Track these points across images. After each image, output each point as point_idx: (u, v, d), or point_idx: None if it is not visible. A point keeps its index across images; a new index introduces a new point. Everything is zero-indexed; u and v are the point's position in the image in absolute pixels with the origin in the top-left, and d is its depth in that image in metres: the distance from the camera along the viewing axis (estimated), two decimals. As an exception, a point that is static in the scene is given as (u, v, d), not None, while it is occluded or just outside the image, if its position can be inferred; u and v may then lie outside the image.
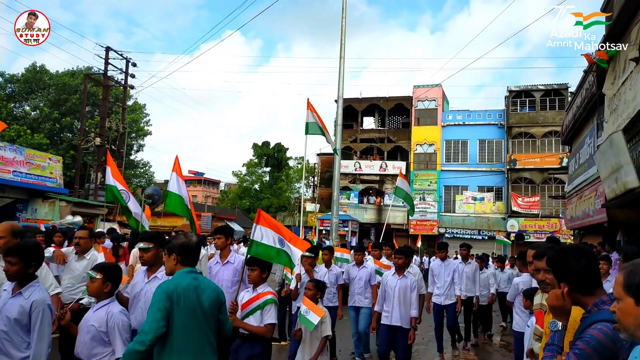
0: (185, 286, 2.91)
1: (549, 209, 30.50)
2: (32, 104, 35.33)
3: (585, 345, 1.95)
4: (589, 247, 3.60)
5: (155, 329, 2.74)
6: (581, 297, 2.12)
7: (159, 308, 2.79)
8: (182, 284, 2.93)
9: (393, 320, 5.89)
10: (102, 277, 3.38)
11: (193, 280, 2.99)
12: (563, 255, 2.22)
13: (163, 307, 2.80)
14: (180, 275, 3.02)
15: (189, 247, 3.12)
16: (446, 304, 8.02)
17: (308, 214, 37.05)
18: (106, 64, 23.79)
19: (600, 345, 1.91)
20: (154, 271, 4.02)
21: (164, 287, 2.91)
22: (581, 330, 2.02)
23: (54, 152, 25.40)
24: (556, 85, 31.31)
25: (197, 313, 2.90)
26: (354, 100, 36.05)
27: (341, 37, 16.17)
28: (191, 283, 2.96)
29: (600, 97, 9.90)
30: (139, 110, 37.90)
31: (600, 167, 8.28)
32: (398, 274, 6.05)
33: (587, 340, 1.95)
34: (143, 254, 4.05)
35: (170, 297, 2.83)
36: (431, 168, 34.02)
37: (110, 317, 3.24)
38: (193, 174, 66.17)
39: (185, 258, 3.10)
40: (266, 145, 46.67)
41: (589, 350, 1.93)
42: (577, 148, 13.77)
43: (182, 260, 3.09)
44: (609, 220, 9.22)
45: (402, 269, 6.02)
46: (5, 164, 15.98)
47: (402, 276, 6.00)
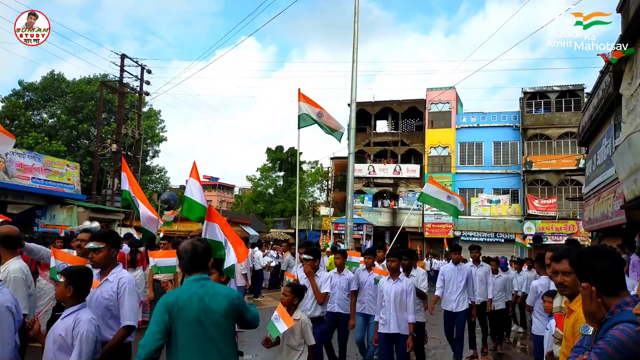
0: (188, 297, 2.83)
1: (566, 210, 30.14)
2: (50, 111, 35.92)
3: (606, 345, 1.94)
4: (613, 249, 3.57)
5: (150, 342, 2.69)
6: (605, 298, 2.10)
7: (156, 321, 2.76)
8: (184, 295, 2.85)
9: (391, 327, 5.62)
10: (64, 281, 3.10)
11: (199, 289, 2.88)
12: (588, 256, 2.22)
13: (161, 320, 2.75)
14: (186, 284, 2.95)
15: (197, 253, 3.01)
16: (458, 311, 7.50)
17: (322, 218, 37.07)
18: (121, 71, 24.11)
19: (622, 345, 1.89)
20: (106, 274, 3.59)
21: (165, 299, 2.84)
22: (604, 331, 2.01)
23: (71, 159, 25.78)
24: (571, 86, 30.98)
25: (203, 324, 2.81)
26: (367, 104, 36.03)
27: (354, 41, 16.20)
28: (196, 293, 2.86)
29: (617, 98, 9.77)
30: (154, 117, 38.34)
31: (619, 168, 8.18)
32: (392, 277, 5.77)
33: (609, 340, 1.94)
34: (93, 254, 3.58)
35: (170, 310, 2.77)
36: (445, 171, 33.83)
37: (77, 324, 2.99)
38: (208, 179, 66.64)
39: (193, 264, 3.00)
40: (280, 150, 46.88)
41: (610, 351, 1.92)
42: (594, 149, 13.61)
43: (189, 267, 3.00)
44: (628, 222, 9.09)
45: (395, 273, 5.76)
46: (25, 171, 16.27)
47: (396, 280, 5.72)
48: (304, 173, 48.06)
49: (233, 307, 2.94)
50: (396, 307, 5.61)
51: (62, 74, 36.15)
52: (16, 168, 15.96)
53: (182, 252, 3.04)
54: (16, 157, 16.20)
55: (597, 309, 2.09)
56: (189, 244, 3.06)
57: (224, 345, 2.87)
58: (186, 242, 3.12)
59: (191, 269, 3.00)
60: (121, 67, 24.04)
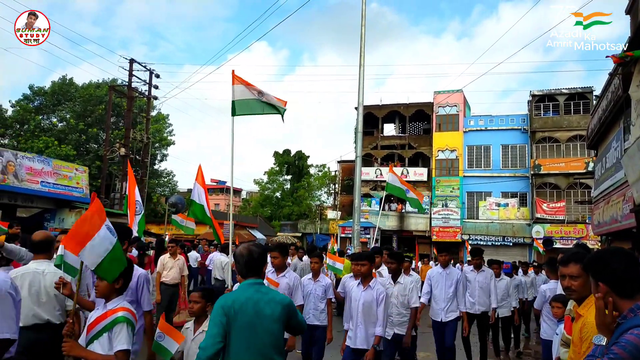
0: (244, 300, 2.86)
1: (575, 214, 29.90)
2: (60, 115, 36.22)
3: (621, 350, 1.91)
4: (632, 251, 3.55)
5: (211, 345, 2.73)
6: (618, 300, 2.08)
7: (215, 324, 2.79)
8: (241, 298, 2.88)
9: (357, 342, 4.94)
10: None
11: (254, 294, 2.91)
12: (605, 255, 2.21)
13: (219, 322, 2.78)
14: (242, 287, 2.99)
15: (252, 258, 3.04)
16: (446, 321, 6.69)
17: (330, 222, 37.05)
18: (130, 76, 24.28)
19: (637, 350, 1.86)
20: None
21: (222, 302, 2.87)
22: (617, 336, 1.99)
23: (80, 163, 25.97)
24: (580, 89, 30.80)
25: (256, 328, 2.83)
26: (374, 107, 36.01)
27: (361, 45, 16.20)
28: (251, 297, 2.89)
29: (626, 100, 9.70)
30: (163, 121, 38.54)
31: (628, 171, 8.11)
32: (363, 284, 5.06)
33: (624, 345, 1.91)
34: None
35: (227, 312, 2.80)
36: (453, 174, 33.71)
37: None
38: (215, 183, 66.86)
39: (248, 269, 3.03)
40: (287, 154, 46.98)
41: (624, 355, 1.89)
42: (604, 152, 13.50)
43: (245, 271, 3.03)
44: (638, 226, 9.00)
45: (366, 278, 5.06)
46: (34, 175, 16.39)
47: (366, 287, 5.01)
48: (311, 177, 48.09)
49: (285, 313, 2.96)
50: (364, 319, 4.92)
51: (72, 79, 36.51)
52: (26, 172, 16.09)
53: (238, 256, 3.07)
54: (26, 161, 16.33)
55: (612, 320, 2.06)
56: (245, 249, 3.08)
57: (272, 349, 2.88)
58: (242, 247, 3.12)
59: (247, 273, 3.03)
60: (130, 71, 24.21)
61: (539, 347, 9.47)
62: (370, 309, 4.90)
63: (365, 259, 5.11)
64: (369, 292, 4.97)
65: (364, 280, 5.06)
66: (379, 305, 4.88)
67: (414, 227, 33.43)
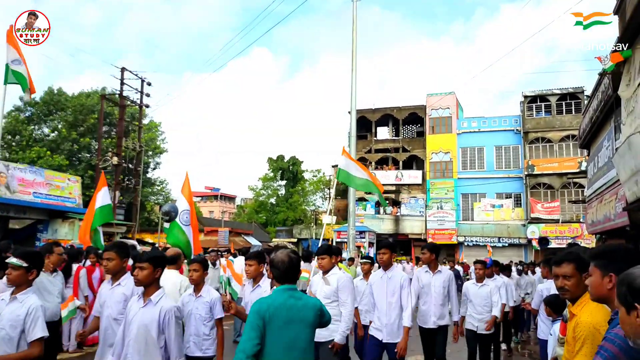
0: (279, 305, 2.97)
1: (570, 214, 30.04)
2: (51, 125, 36.05)
3: (610, 345, 1.91)
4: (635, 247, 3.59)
5: (250, 347, 2.82)
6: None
7: (252, 327, 2.87)
8: (276, 303, 2.98)
9: None
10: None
11: (288, 299, 3.02)
12: (615, 248, 2.28)
13: (256, 325, 2.87)
14: (276, 293, 3.09)
15: (292, 265, 3.14)
16: (386, 342, 5.21)
17: (325, 226, 37.01)
18: (122, 84, 24.23)
19: (626, 343, 1.83)
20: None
21: (257, 306, 2.96)
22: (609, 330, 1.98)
23: (72, 173, 25.83)
24: (572, 89, 31.01)
25: (289, 331, 2.94)
26: (368, 111, 36.09)
27: (352, 50, 16.27)
28: (285, 302, 3.00)
29: (616, 100, 9.76)
30: (155, 129, 38.43)
31: (620, 170, 8.14)
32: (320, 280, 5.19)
33: (612, 339, 1.91)
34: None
35: (263, 316, 2.90)
36: (447, 176, 33.80)
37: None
38: (210, 190, 66.67)
39: (286, 275, 3.12)
40: (281, 159, 46.92)
41: (614, 349, 1.89)
42: (595, 151, 13.57)
43: (283, 277, 3.12)
44: (631, 224, 9.03)
45: (326, 272, 5.08)
46: (26, 186, 16.28)
47: None
48: (305, 182, 48.06)
49: (317, 317, 3.10)
50: None
51: (61, 89, 36.36)
52: (17, 183, 15.98)
53: (278, 262, 3.14)
54: (17, 172, 16.23)
55: None
56: (286, 256, 3.17)
57: (304, 351, 3.01)
58: (282, 254, 3.19)
59: (284, 279, 3.12)
60: (121, 80, 24.16)
61: (536, 347, 9.47)
62: None
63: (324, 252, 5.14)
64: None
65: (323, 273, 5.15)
66: None
67: (409, 230, 33.46)
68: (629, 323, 1.61)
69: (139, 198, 25.74)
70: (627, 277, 1.65)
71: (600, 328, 2.30)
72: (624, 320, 1.65)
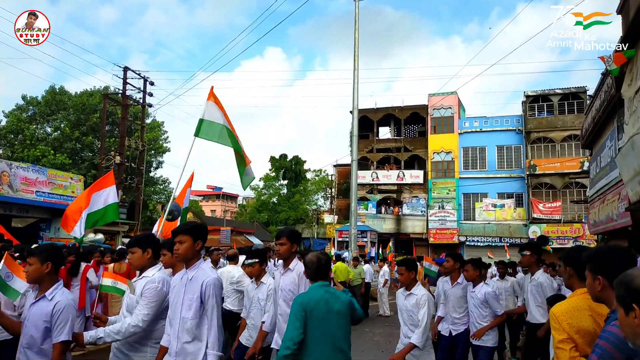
0: (317, 299, 3.34)
1: (572, 214, 30.01)
2: (54, 124, 36.13)
3: (605, 343, 1.92)
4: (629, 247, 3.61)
5: (296, 336, 3.18)
6: (612, 294, 2.10)
7: (297, 318, 3.23)
8: (315, 297, 3.36)
9: None
10: None
11: (325, 294, 3.41)
12: (606, 251, 2.28)
13: (300, 317, 3.23)
14: (313, 289, 3.48)
15: (321, 265, 3.55)
16: None
17: (326, 226, 37.03)
18: (124, 84, 24.25)
19: (620, 341, 1.85)
20: None
21: (299, 299, 3.36)
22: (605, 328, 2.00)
23: (75, 172, 25.88)
24: (574, 89, 30.98)
25: (328, 322, 3.29)
26: (369, 111, 36.11)
27: (354, 49, 16.28)
28: (322, 296, 3.38)
29: (619, 99, 9.75)
30: (158, 128, 38.48)
31: (622, 170, 8.14)
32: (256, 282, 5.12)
33: (607, 337, 1.93)
34: None
35: (305, 308, 3.26)
36: (449, 176, 33.80)
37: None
38: (212, 189, 66.71)
39: (318, 274, 3.54)
40: (283, 158, 46.89)
41: (609, 348, 1.90)
42: (598, 151, 13.56)
43: (315, 275, 3.54)
44: (633, 224, 9.03)
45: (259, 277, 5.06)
46: (29, 185, 16.33)
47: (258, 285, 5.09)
48: (307, 181, 48.06)
49: (349, 309, 3.49)
50: None
51: (63, 87, 36.46)
52: (20, 182, 16.02)
53: (309, 263, 3.58)
54: (20, 170, 16.27)
55: None
56: (315, 257, 3.60)
57: (342, 340, 3.37)
58: (312, 255, 3.63)
59: (316, 277, 3.54)
60: (124, 79, 24.18)
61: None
62: None
63: None
64: None
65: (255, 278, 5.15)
66: None
67: (411, 229, 33.47)
68: (628, 324, 1.62)
69: (142, 197, 25.78)
70: (625, 278, 1.66)
71: (556, 310, 2.40)
72: (623, 321, 1.65)
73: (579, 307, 2.37)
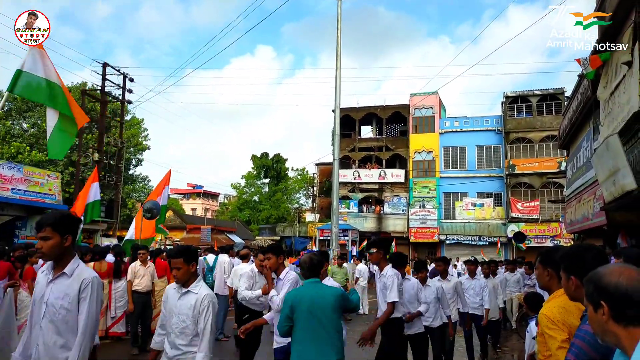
0: (303, 295, 3.89)
1: (549, 213, 30.52)
2: (30, 121, 35.40)
3: (580, 342, 1.95)
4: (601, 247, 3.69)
5: (285, 325, 3.88)
6: None
7: (284, 312, 3.90)
8: (301, 293, 3.92)
9: None
10: None
11: (311, 290, 3.94)
12: (578, 251, 2.32)
13: (288, 310, 3.86)
14: (305, 285, 4.07)
15: (313, 264, 4.09)
16: None
17: (308, 224, 37.01)
18: (103, 80, 23.88)
19: (595, 340, 1.86)
20: None
21: (287, 296, 4.00)
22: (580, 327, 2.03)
23: (52, 169, 25.42)
24: (552, 90, 31.48)
25: (314, 314, 3.79)
26: (352, 110, 36.20)
27: (337, 49, 16.28)
28: (309, 292, 3.91)
29: (595, 101, 9.94)
30: (137, 125, 37.99)
31: (598, 170, 8.30)
32: None
33: (582, 336, 1.96)
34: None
35: (291, 304, 3.86)
36: (430, 175, 34.08)
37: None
38: (192, 187, 66.15)
39: (310, 272, 4.09)
40: (265, 157, 46.73)
41: (585, 346, 1.93)
42: (575, 152, 13.81)
43: (308, 274, 4.09)
44: (608, 223, 9.22)
45: None
46: (4, 182, 15.98)
47: None
48: (289, 180, 47.98)
49: (337, 302, 3.90)
50: None
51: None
52: (-5, 179, 15.67)
53: (303, 263, 4.14)
54: (-5, 167, 15.92)
55: None
56: (309, 258, 4.14)
57: (329, 331, 3.82)
58: (306, 256, 4.19)
59: (309, 275, 4.10)
60: (103, 75, 23.82)
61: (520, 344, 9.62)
62: None
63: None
64: None
65: None
66: None
67: (392, 228, 33.68)
68: (596, 320, 1.66)
69: (120, 195, 25.44)
70: (593, 276, 1.69)
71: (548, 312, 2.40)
72: (592, 318, 1.69)
73: (567, 307, 2.40)
